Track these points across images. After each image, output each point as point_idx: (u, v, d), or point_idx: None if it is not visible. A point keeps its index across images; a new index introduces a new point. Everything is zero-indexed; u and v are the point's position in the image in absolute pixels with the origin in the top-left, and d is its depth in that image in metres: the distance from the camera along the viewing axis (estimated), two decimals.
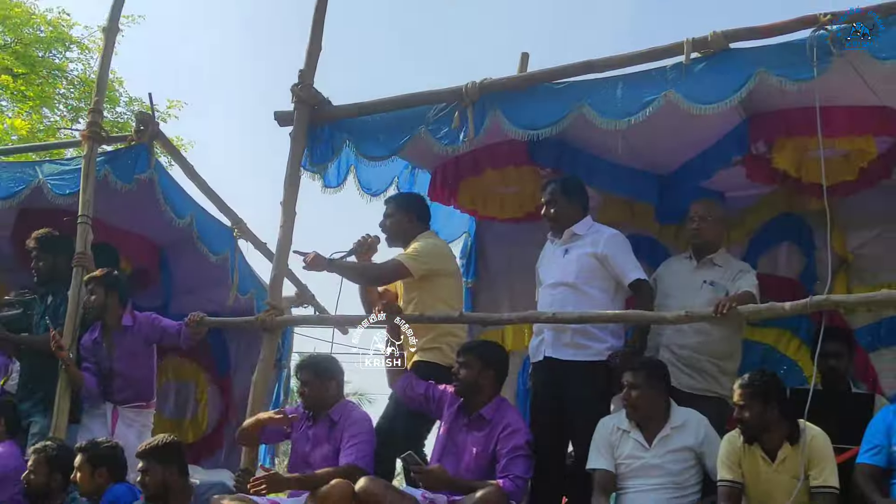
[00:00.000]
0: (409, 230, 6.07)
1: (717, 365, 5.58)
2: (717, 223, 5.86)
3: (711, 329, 5.50)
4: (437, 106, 5.86)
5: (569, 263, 5.62)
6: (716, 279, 5.64)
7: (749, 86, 5.02)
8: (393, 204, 6.18)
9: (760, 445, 4.63)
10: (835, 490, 4.44)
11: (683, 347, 5.56)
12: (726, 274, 5.67)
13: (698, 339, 5.54)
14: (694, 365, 5.56)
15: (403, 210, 6.12)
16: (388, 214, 6.13)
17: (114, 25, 7.31)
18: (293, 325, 8.17)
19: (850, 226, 6.52)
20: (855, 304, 5.60)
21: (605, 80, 5.48)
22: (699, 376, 5.56)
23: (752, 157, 6.00)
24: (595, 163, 6.33)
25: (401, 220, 6.10)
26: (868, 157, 5.74)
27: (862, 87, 5.20)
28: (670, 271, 5.94)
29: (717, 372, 5.58)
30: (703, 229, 5.78)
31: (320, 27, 6.36)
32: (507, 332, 7.10)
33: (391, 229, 6.13)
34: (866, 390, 6.00)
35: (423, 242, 5.96)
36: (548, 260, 5.79)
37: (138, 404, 6.66)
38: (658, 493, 4.91)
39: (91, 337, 6.58)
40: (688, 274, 5.77)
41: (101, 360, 6.54)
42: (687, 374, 5.54)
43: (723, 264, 5.74)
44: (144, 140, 7.02)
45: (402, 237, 6.08)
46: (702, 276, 5.70)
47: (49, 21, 17.06)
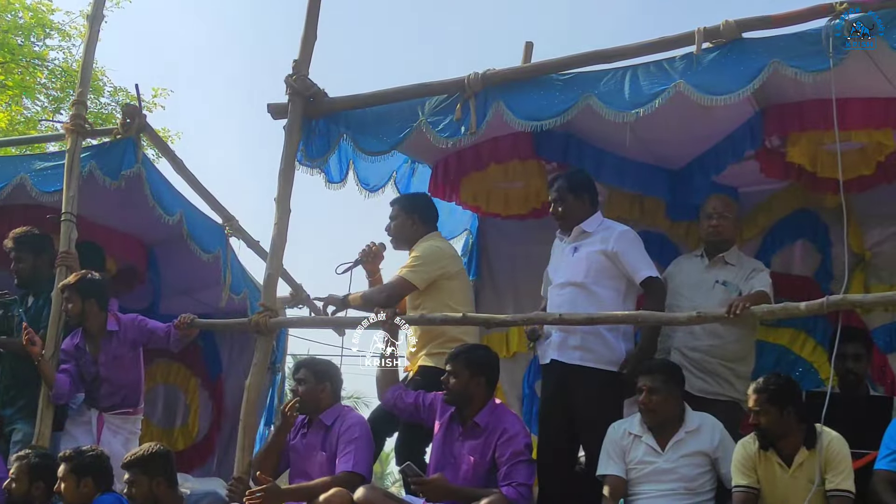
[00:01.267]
0: (412, 233, 6.16)
1: (730, 368, 5.62)
2: (734, 221, 5.93)
3: (724, 331, 5.55)
4: (438, 98, 5.89)
5: (578, 262, 5.64)
6: (728, 279, 5.68)
7: (762, 77, 5.04)
8: (397, 206, 6.26)
9: (776, 451, 4.67)
10: (850, 495, 4.48)
11: (695, 350, 5.61)
12: (739, 273, 5.72)
13: (711, 341, 5.59)
14: (706, 368, 5.60)
15: (407, 212, 6.19)
16: (392, 217, 6.21)
17: (98, 13, 7.28)
18: (288, 326, 8.19)
19: (868, 222, 6.58)
20: (873, 304, 5.64)
21: (613, 71, 5.50)
22: (711, 379, 5.60)
23: (766, 150, 6.04)
24: (602, 156, 6.38)
25: (404, 223, 6.18)
26: (886, 150, 5.77)
27: (880, 79, 5.22)
28: (680, 269, 5.98)
29: (731, 375, 5.62)
30: (722, 227, 5.82)
31: (315, 14, 6.35)
32: (511, 334, 7.16)
33: (395, 232, 6.22)
34: (884, 393, 6.06)
35: (421, 249, 6.03)
36: (556, 259, 5.82)
37: (125, 411, 6.66)
38: (670, 498, 4.94)
39: (73, 342, 6.55)
40: (699, 273, 5.81)
41: (86, 365, 6.52)
42: (699, 378, 5.58)
43: (735, 263, 5.79)
44: (131, 134, 6.98)
45: (406, 240, 6.17)
46: (714, 275, 5.75)
47: (28, 6, 17.00)
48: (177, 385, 9.05)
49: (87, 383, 6.55)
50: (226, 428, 8.81)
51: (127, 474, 5.35)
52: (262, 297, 6.19)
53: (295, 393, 5.70)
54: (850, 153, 5.65)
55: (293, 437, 5.72)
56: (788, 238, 6.86)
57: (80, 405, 6.61)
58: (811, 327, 6.64)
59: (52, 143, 12.39)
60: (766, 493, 4.69)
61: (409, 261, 5.98)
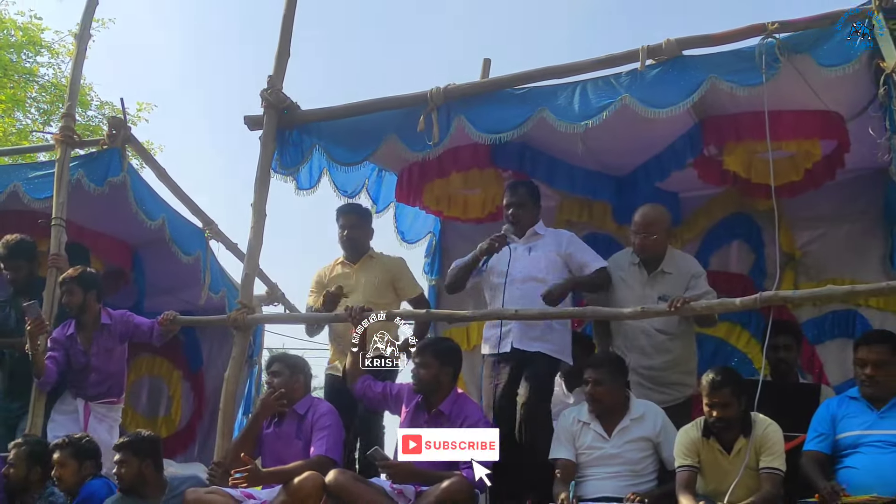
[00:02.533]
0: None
1: (684, 372, 5.64)
2: (665, 232, 5.73)
3: (671, 344, 5.58)
4: (405, 111, 5.89)
5: (536, 260, 5.71)
6: (668, 292, 5.50)
7: (701, 91, 5.10)
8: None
9: (717, 439, 4.71)
10: (781, 473, 4.54)
11: (651, 369, 5.58)
12: (678, 281, 5.61)
13: (663, 358, 5.59)
14: (664, 382, 5.59)
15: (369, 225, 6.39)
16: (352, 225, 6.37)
17: (85, 33, 7.31)
18: (264, 322, 8.15)
19: (797, 224, 6.67)
20: (802, 299, 5.73)
21: (565, 86, 5.54)
22: (669, 389, 5.59)
23: (705, 159, 6.09)
24: (555, 165, 6.41)
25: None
26: (813, 158, 5.84)
27: (808, 93, 5.30)
28: (622, 280, 5.77)
29: (684, 377, 5.64)
30: (652, 243, 5.65)
31: (289, 33, 6.36)
32: (471, 328, 7.17)
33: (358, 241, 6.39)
34: (812, 381, 6.12)
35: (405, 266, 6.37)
36: (510, 258, 5.79)
37: (110, 400, 6.58)
38: (616, 480, 4.98)
39: (64, 332, 6.44)
40: (640, 288, 5.68)
41: (76, 355, 6.41)
42: (660, 392, 5.54)
43: (673, 270, 5.66)
44: (117, 144, 6.98)
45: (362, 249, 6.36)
46: (655, 290, 5.60)
47: (20, 26, 16.85)
48: (160, 377, 9.00)
49: (74, 372, 6.43)
50: (206, 417, 8.77)
51: (118, 455, 5.31)
52: (239, 296, 6.19)
53: (270, 385, 5.66)
54: (781, 161, 5.69)
55: (266, 427, 5.69)
56: (725, 239, 6.94)
57: (64, 395, 6.52)
58: (746, 321, 6.71)
59: (42, 153, 12.31)
60: (707, 479, 4.73)
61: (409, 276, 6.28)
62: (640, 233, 5.64)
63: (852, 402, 4.69)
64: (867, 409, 4.61)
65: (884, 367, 4.58)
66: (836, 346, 6.56)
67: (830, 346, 6.60)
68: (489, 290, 5.88)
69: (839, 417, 4.65)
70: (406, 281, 6.32)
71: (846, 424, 4.61)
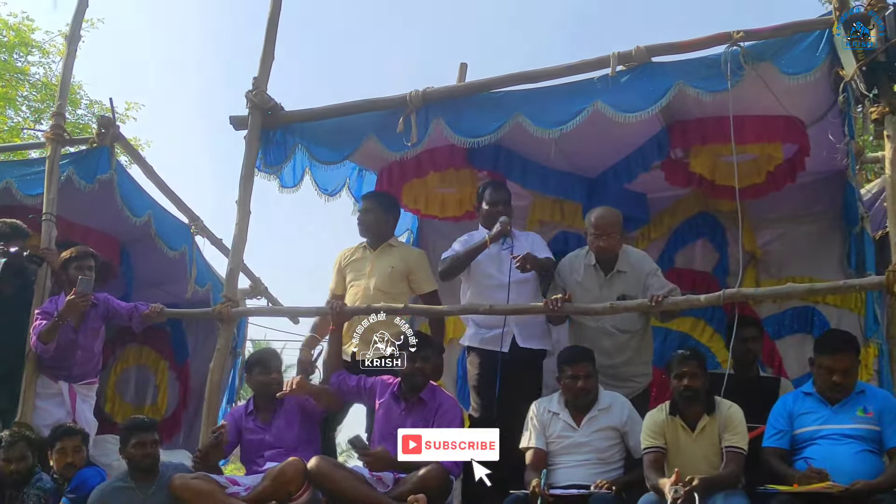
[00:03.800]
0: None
1: (642, 364, 5.64)
2: (620, 234, 5.58)
3: (632, 342, 5.55)
4: (384, 112, 5.87)
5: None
6: (626, 291, 5.44)
7: (669, 96, 5.11)
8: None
9: (682, 417, 4.76)
10: (744, 451, 4.60)
11: (612, 367, 5.51)
12: (635, 280, 5.51)
13: (624, 356, 5.54)
14: (626, 376, 5.56)
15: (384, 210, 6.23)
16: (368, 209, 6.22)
17: (75, 33, 7.25)
18: (248, 315, 8.12)
19: (759, 224, 6.70)
20: (763, 297, 5.75)
21: (539, 91, 5.55)
22: (632, 382, 5.57)
23: (671, 161, 6.11)
24: (528, 166, 6.40)
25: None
26: (775, 162, 5.86)
27: (771, 99, 5.32)
28: (577, 283, 5.61)
29: (644, 367, 5.65)
30: (609, 245, 5.49)
31: (273, 36, 6.34)
32: (448, 322, 7.14)
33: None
34: (773, 374, 6.15)
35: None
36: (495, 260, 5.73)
37: (91, 381, 6.55)
38: (585, 467, 4.99)
39: (54, 306, 6.32)
40: (598, 290, 5.54)
41: (65, 331, 6.24)
42: (624, 388, 5.47)
43: (628, 269, 5.54)
44: (106, 143, 6.95)
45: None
46: (613, 291, 5.48)
47: (11, 26, 16.68)
48: (147, 367, 8.92)
49: (60, 349, 6.26)
50: (191, 406, 8.71)
51: (149, 436, 5.28)
52: (224, 289, 6.17)
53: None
54: (744, 164, 5.72)
55: (246, 423, 5.68)
56: (690, 238, 6.96)
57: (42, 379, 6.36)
58: (709, 316, 6.75)
59: (33, 151, 12.16)
60: (671, 456, 4.75)
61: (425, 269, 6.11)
62: (602, 235, 5.48)
63: (807, 397, 4.74)
64: (822, 405, 4.66)
65: (849, 372, 4.64)
66: (795, 342, 6.62)
67: (790, 341, 6.65)
68: (475, 286, 5.80)
69: (795, 414, 4.70)
70: (422, 274, 6.07)
71: (803, 420, 4.66)
